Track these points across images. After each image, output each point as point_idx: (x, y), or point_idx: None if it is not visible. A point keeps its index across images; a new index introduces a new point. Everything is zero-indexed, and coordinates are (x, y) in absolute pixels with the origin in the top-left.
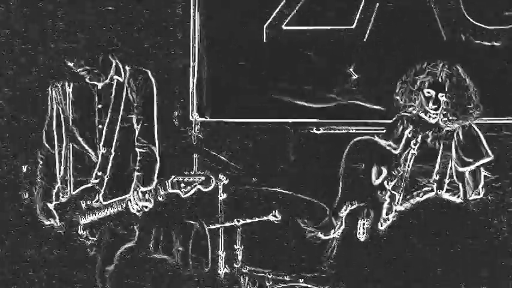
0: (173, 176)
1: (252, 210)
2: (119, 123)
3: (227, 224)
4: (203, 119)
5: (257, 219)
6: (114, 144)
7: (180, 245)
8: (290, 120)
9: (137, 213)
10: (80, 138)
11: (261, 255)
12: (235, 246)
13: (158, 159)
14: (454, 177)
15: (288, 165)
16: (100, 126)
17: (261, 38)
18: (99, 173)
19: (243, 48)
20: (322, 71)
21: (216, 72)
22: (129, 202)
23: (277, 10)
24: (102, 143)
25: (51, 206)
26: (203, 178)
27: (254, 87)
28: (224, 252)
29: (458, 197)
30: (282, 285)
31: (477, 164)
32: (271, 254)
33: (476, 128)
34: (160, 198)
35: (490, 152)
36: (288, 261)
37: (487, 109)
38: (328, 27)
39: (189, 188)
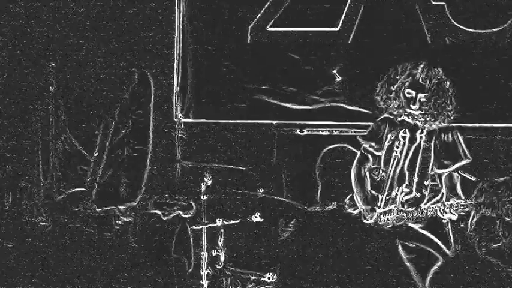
0: (156, 197)
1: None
2: (112, 128)
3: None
4: (187, 120)
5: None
6: (106, 149)
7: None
8: (274, 122)
9: (117, 227)
10: (72, 138)
11: (243, 256)
12: (217, 247)
13: (148, 164)
14: (437, 179)
15: (271, 166)
16: (96, 132)
17: (245, 39)
18: (89, 179)
19: (227, 49)
20: (306, 72)
21: (200, 73)
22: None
23: (262, 11)
24: (96, 148)
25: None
26: (185, 203)
27: (238, 88)
28: (207, 253)
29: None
30: (266, 286)
31: (455, 166)
32: (254, 255)
33: (456, 130)
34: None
35: (468, 154)
36: (269, 262)
37: (470, 113)
38: (313, 29)
39: (169, 211)
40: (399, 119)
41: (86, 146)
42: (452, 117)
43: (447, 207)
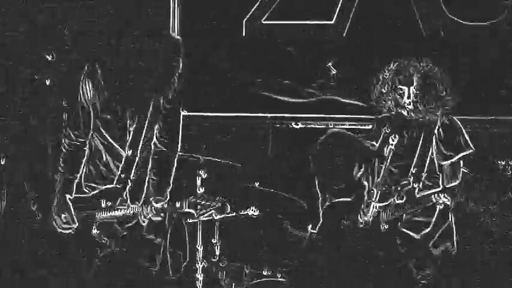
0: (192, 196)
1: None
2: (146, 126)
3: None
4: (181, 113)
5: (235, 213)
6: (140, 147)
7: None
8: (269, 115)
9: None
10: (103, 132)
11: (239, 249)
12: (213, 240)
13: (176, 161)
14: (436, 171)
15: (267, 159)
16: (130, 128)
17: (240, 32)
18: (123, 176)
19: (222, 42)
20: (301, 65)
21: (194, 66)
22: (140, 215)
23: (257, 4)
24: (128, 144)
25: (68, 199)
26: (220, 204)
27: (233, 82)
28: (202, 246)
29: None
30: (260, 279)
31: (458, 156)
32: (249, 249)
33: (457, 121)
34: (174, 215)
35: (471, 145)
36: (265, 255)
37: (465, 106)
38: (308, 22)
39: (204, 211)
40: (396, 114)
41: (120, 142)
42: (449, 106)
43: (440, 195)
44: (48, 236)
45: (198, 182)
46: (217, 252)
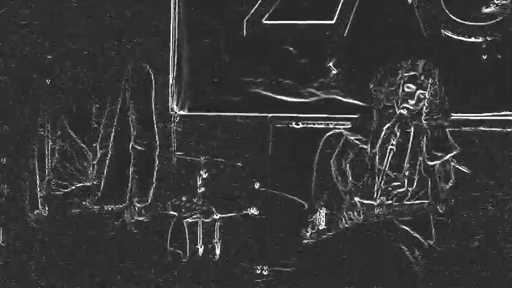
0: (174, 199)
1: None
2: (115, 123)
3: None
4: (182, 112)
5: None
6: (110, 145)
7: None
8: (269, 115)
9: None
10: (71, 133)
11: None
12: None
13: (157, 160)
14: (422, 172)
15: (267, 159)
16: (96, 126)
17: (241, 31)
18: (95, 174)
19: (223, 42)
20: (302, 65)
21: (195, 66)
22: (124, 213)
23: (257, 4)
24: (98, 143)
25: (39, 196)
26: (205, 208)
27: (234, 81)
28: (202, 246)
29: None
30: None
31: (446, 157)
32: (249, 248)
33: (444, 123)
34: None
35: (456, 145)
36: (266, 255)
37: (466, 105)
38: (309, 22)
39: (188, 214)
40: (397, 112)
41: (88, 141)
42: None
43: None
44: None
45: (199, 182)
46: (218, 252)
